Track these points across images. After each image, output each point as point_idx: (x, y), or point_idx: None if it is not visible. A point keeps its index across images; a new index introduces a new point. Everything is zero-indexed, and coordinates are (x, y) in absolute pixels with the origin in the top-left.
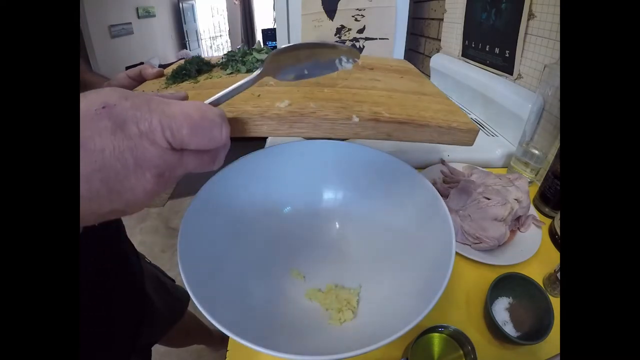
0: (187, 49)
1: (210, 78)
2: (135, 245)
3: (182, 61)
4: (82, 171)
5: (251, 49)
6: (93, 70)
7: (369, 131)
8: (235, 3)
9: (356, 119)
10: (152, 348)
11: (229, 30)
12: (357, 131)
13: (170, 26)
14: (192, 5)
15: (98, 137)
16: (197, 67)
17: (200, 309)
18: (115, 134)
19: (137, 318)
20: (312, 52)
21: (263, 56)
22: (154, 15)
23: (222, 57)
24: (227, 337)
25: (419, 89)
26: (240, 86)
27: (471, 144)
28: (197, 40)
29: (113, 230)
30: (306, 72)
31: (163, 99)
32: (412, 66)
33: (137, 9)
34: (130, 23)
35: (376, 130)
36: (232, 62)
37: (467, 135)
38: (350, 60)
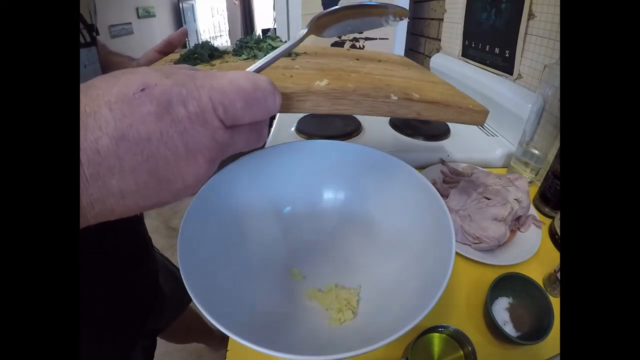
0: (187, 49)
1: (227, 62)
2: None
3: (184, 50)
4: (126, 164)
5: (265, 37)
6: (116, 52)
7: (403, 110)
8: (235, 3)
9: (395, 98)
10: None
11: (229, 31)
12: (394, 109)
13: (170, 26)
14: (192, 5)
15: (141, 125)
16: (209, 52)
17: (200, 308)
18: (160, 119)
19: (149, 302)
20: (358, 11)
21: (279, 44)
22: (154, 15)
23: (235, 44)
24: (227, 337)
25: (428, 78)
26: (288, 48)
27: (482, 124)
28: (197, 40)
29: (135, 216)
30: (349, 28)
31: (207, 72)
32: (412, 61)
33: (137, 9)
34: (130, 23)
35: (409, 109)
36: (246, 48)
37: (480, 115)
38: (397, 19)
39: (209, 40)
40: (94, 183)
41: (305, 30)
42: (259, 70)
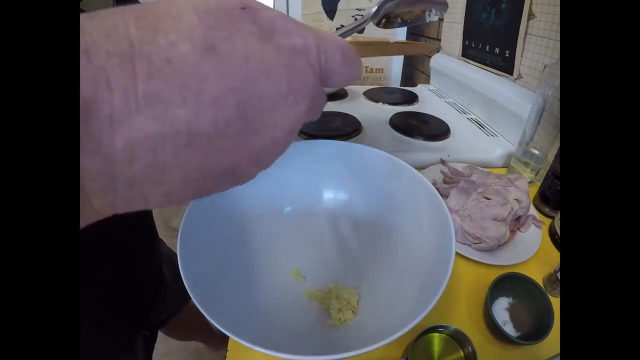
0: None
1: None
2: None
3: None
4: (210, 88)
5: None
6: None
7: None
8: None
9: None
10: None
11: None
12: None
13: None
14: None
15: (240, 41)
16: None
17: (200, 308)
18: (264, 43)
19: (152, 292)
20: (412, 1)
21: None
22: None
23: None
24: (227, 337)
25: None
26: (363, 22)
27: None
28: None
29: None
30: (399, 21)
31: None
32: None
33: None
34: None
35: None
36: None
37: (425, 47)
38: (438, 13)
39: None
40: (147, 109)
41: (375, 9)
42: (343, 36)
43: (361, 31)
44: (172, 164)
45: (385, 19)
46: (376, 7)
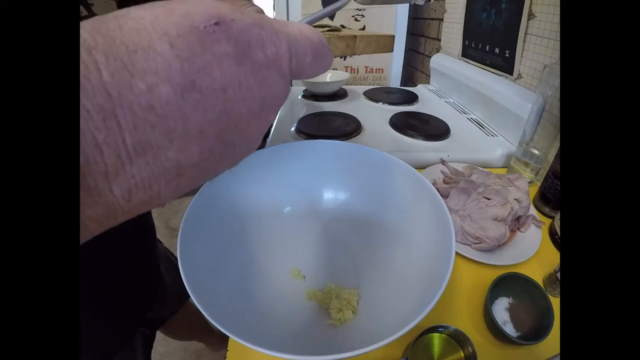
0: None
1: None
2: None
3: None
4: (193, 125)
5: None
6: None
7: None
8: None
9: None
10: (153, 349)
11: None
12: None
13: None
14: None
15: (217, 70)
16: None
17: (200, 308)
18: (240, 64)
19: (151, 290)
20: None
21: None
22: None
23: None
24: (227, 337)
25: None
26: (337, 7)
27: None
28: None
29: None
30: None
31: (274, 18)
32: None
33: None
34: None
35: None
36: None
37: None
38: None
39: None
40: (138, 158)
41: None
42: (310, 23)
43: (332, 16)
44: (164, 191)
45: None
46: None
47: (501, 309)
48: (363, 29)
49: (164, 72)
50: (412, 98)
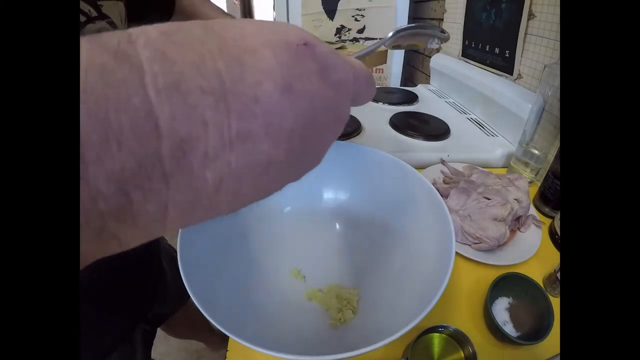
0: None
1: None
2: None
3: None
4: (287, 123)
5: (346, 43)
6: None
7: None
8: (235, 3)
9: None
10: (153, 349)
11: None
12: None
13: None
14: None
15: (307, 81)
16: None
17: (200, 308)
18: (324, 80)
19: (153, 286)
20: (420, 31)
21: (356, 49)
22: None
23: None
24: (228, 337)
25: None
26: (379, 43)
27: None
28: None
29: None
30: (405, 43)
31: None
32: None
33: None
34: None
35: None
36: None
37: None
38: (439, 42)
39: None
40: (239, 145)
41: (390, 35)
42: (359, 58)
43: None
44: (247, 189)
45: (395, 45)
46: (391, 34)
47: (501, 309)
48: (363, 29)
49: (269, 72)
50: (412, 98)
